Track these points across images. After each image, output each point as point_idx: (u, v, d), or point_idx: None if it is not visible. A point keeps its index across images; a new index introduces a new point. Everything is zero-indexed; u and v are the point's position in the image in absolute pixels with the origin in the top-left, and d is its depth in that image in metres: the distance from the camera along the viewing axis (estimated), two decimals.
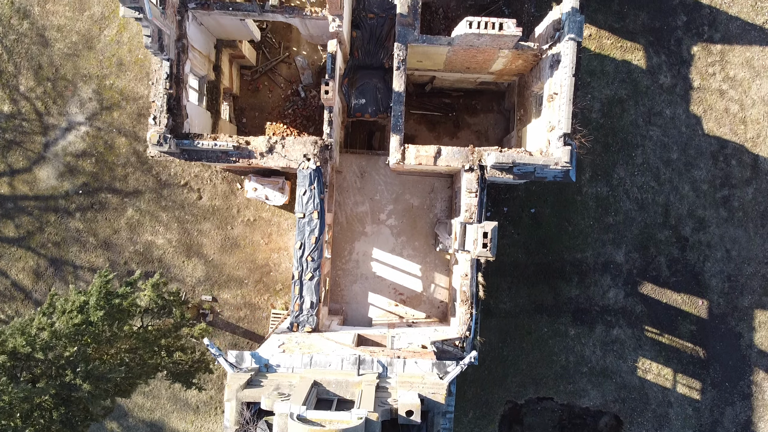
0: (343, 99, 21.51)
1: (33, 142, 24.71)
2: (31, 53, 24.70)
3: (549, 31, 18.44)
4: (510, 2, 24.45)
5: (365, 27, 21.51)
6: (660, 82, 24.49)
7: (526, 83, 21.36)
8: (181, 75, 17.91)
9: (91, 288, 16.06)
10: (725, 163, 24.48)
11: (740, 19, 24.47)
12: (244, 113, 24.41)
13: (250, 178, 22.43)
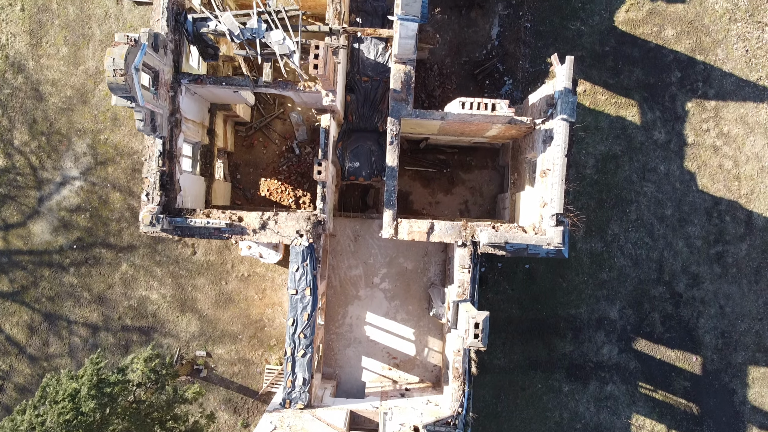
0: (338, 162, 21.51)
1: (27, 196, 24.70)
2: (25, 107, 24.69)
3: (542, 105, 18.47)
4: (504, 59, 24.47)
5: (359, 90, 21.53)
6: (654, 138, 24.52)
7: (519, 148, 21.38)
8: (174, 150, 17.90)
9: (82, 373, 16.04)
10: (719, 219, 24.51)
11: (734, 75, 24.51)
12: (239, 169, 24.41)
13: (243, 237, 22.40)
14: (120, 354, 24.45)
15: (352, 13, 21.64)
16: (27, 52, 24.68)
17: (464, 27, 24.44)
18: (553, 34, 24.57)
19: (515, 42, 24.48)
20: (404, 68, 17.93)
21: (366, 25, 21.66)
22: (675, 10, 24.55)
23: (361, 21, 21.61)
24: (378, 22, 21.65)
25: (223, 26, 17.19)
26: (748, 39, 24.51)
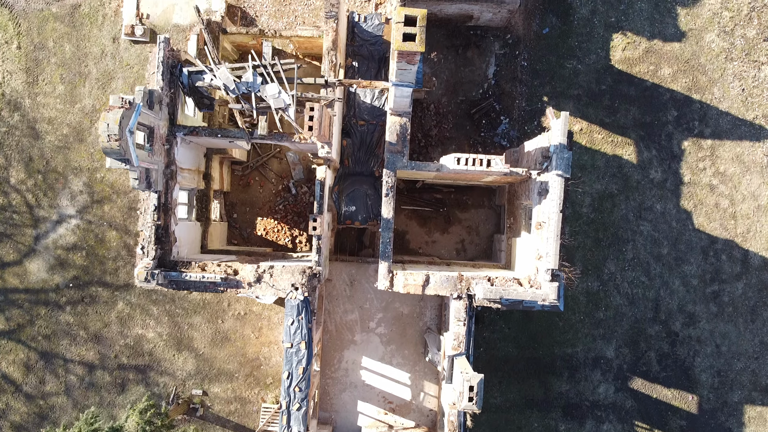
0: (333, 206, 21.50)
1: (24, 234, 24.67)
2: (22, 145, 24.66)
3: (538, 156, 18.47)
4: (501, 98, 24.48)
5: (356, 134, 21.55)
6: (651, 176, 24.53)
7: (516, 193, 21.38)
8: (169, 203, 17.90)
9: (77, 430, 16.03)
10: (715, 258, 24.52)
11: (730, 114, 24.53)
12: (235, 209, 24.40)
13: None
14: (116, 392, 24.43)
15: (349, 57, 21.65)
16: (23, 90, 24.66)
17: (461, 66, 24.44)
18: (549, 72, 24.58)
19: (512, 81, 24.48)
20: (400, 120, 17.93)
21: (362, 68, 21.68)
22: (671, 48, 24.57)
23: (357, 65, 21.63)
24: (374, 66, 21.66)
25: (219, 81, 17.17)
26: (744, 78, 24.53)
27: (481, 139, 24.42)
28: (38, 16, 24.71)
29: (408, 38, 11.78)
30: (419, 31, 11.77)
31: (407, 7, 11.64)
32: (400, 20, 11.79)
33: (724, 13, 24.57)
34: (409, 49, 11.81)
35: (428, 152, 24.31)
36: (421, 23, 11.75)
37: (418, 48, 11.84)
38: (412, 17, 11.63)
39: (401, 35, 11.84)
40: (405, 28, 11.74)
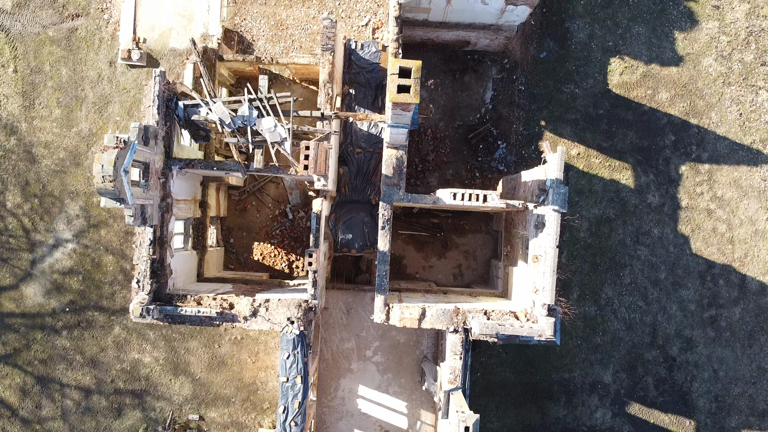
0: (330, 234, 21.47)
1: (20, 258, 24.62)
2: (18, 169, 24.61)
3: (534, 188, 18.43)
4: (498, 122, 24.45)
5: (352, 162, 21.51)
6: (648, 201, 24.51)
7: (513, 221, 21.35)
8: (165, 236, 17.85)
9: None
10: (713, 282, 24.49)
11: (728, 138, 24.51)
12: (232, 233, 24.36)
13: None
14: (113, 417, 24.38)
15: (346, 84, 21.61)
16: (20, 114, 24.61)
17: (458, 91, 24.41)
18: (547, 97, 24.55)
19: (509, 105, 24.45)
20: (396, 153, 17.89)
21: (359, 95, 21.64)
22: (669, 73, 24.54)
23: (354, 92, 21.60)
24: (371, 93, 21.63)
25: (214, 115, 17.13)
26: (741, 102, 24.51)
27: (478, 164, 24.39)
28: (35, 39, 24.66)
29: (403, 89, 11.76)
30: (414, 83, 11.73)
31: (402, 59, 11.61)
32: (394, 72, 11.75)
33: (722, 38, 24.55)
34: (403, 100, 11.78)
35: (425, 177, 24.28)
36: (415, 75, 11.72)
37: (413, 99, 11.80)
38: (407, 69, 11.61)
39: (396, 87, 11.81)
40: (400, 80, 11.71)
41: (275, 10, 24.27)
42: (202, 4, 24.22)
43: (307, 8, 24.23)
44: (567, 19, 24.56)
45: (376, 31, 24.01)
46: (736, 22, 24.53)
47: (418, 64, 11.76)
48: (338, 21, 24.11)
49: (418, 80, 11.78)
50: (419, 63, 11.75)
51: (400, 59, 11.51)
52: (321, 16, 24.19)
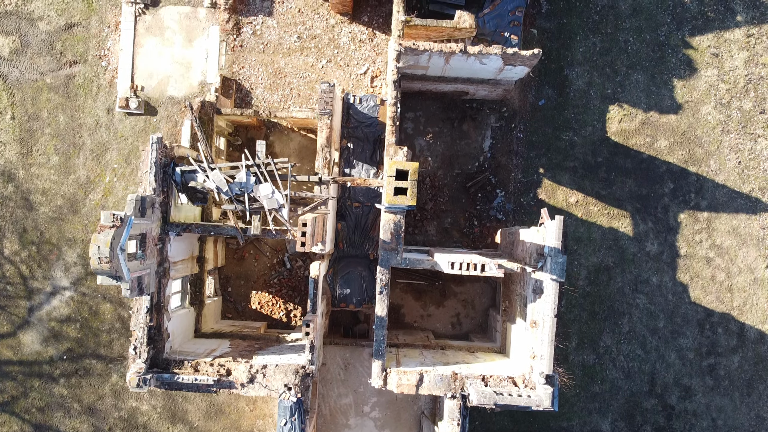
0: (328, 289, 21.43)
1: (17, 306, 24.57)
2: (15, 217, 24.56)
3: (533, 251, 18.40)
4: (497, 171, 24.41)
5: (350, 216, 21.48)
6: (647, 249, 24.47)
7: (511, 277, 21.29)
8: (162, 301, 17.81)
9: None
10: (711, 331, 24.46)
11: (727, 186, 24.47)
12: (230, 282, 24.30)
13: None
14: None
15: (344, 139, 21.59)
16: (17, 161, 24.56)
17: (456, 139, 24.37)
18: (545, 144, 24.51)
19: (507, 154, 24.42)
20: (394, 218, 17.82)
21: (357, 149, 21.62)
22: (668, 120, 24.51)
23: (352, 146, 21.57)
24: (369, 147, 21.61)
25: (212, 183, 17.10)
26: (740, 150, 24.48)
27: (476, 212, 24.35)
28: (32, 86, 24.62)
29: (399, 192, 11.73)
30: (411, 185, 11.71)
31: (399, 161, 11.55)
32: (391, 174, 11.72)
33: (721, 86, 24.52)
34: (400, 203, 11.75)
35: (423, 225, 24.24)
36: (412, 177, 11.69)
37: (410, 202, 11.78)
38: (404, 171, 11.57)
39: (392, 189, 11.78)
40: (396, 183, 11.67)
41: (273, 59, 24.22)
42: (200, 52, 24.18)
43: (306, 56, 24.18)
44: (566, 67, 24.53)
45: (375, 79, 23.97)
46: (735, 70, 24.50)
47: (414, 166, 11.72)
48: (336, 69, 24.12)
49: (415, 182, 11.75)
50: (416, 165, 11.71)
51: (397, 161, 11.46)
52: (319, 64, 24.17)
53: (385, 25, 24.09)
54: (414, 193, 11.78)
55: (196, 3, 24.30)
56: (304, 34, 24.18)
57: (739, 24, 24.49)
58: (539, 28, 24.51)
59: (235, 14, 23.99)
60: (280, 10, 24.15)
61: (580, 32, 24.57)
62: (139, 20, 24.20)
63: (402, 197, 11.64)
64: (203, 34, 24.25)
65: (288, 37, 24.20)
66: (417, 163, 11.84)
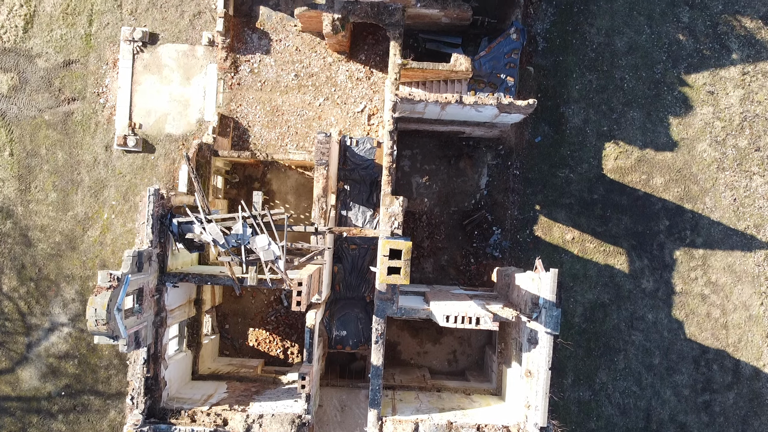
0: (324, 331, 21.54)
1: (16, 342, 24.68)
2: (14, 253, 24.66)
3: (528, 299, 18.51)
4: (493, 208, 24.52)
5: (347, 259, 21.59)
6: (642, 286, 24.58)
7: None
8: (159, 351, 17.92)
9: None
10: (707, 368, 24.57)
11: (722, 224, 24.58)
12: (227, 319, 24.41)
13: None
14: None
15: (340, 181, 21.71)
16: (15, 198, 24.66)
17: (453, 177, 24.48)
18: (541, 181, 24.63)
19: (504, 191, 24.53)
20: None
21: (354, 191, 21.74)
22: (663, 158, 24.62)
23: (349, 188, 21.68)
24: (366, 190, 21.73)
25: (208, 236, 17.20)
26: (736, 188, 24.59)
27: (473, 250, 24.46)
28: (31, 123, 24.72)
29: (393, 271, 11.85)
30: (404, 264, 11.83)
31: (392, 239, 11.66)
32: (385, 254, 11.83)
33: (716, 123, 24.63)
34: (393, 282, 11.87)
35: (420, 263, 24.33)
36: (405, 257, 11.81)
37: (403, 281, 11.89)
38: (397, 250, 11.69)
39: (386, 269, 11.90)
40: (390, 262, 11.79)
41: (271, 97, 24.33)
42: (197, 90, 24.29)
43: (303, 94, 24.28)
44: (562, 104, 24.64)
45: (372, 117, 24.07)
46: (731, 107, 24.61)
47: (408, 245, 11.84)
48: (334, 107, 24.23)
49: (408, 261, 11.86)
50: (409, 244, 11.83)
51: (390, 240, 11.57)
52: (316, 102, 24.27)
53: (383, 63, 24.19)
54: (407, 272, 11.90)
55: (194, 41, 24.40)
56: (302, 73, 24.28)
57: (735, 62, 24.61)
58: (536, 65, 24.63)
59: (232, 52, 24.10)
60: (277, 49, 24.25)
61: (576, 70, 24.68)
62: (137, 58, 24.31)
63: (395, 276, 11.76)
64: (201, 72, 24.35)
65: (285, 75, 24.30)
66: (410, 243, 11.96)
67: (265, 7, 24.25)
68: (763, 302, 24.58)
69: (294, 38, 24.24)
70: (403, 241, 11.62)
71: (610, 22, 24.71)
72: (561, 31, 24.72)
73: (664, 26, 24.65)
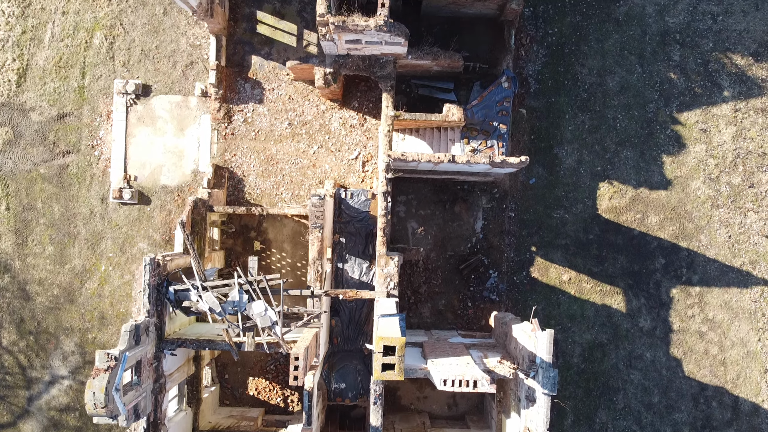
0: (323, 384, 21.60)
1: (16, 396, 24.75)
2: (12, 307, 24.73)
3: (525, 357, 18.57)
4: (489, 252, 24.59)
5: (344, 311, 21.66)
6: (640, 325, 24.65)
7: None
8: (159, 418, 17.98)
9: None
10: (706, 405, 24.65)
11: (718, 261, 24.65)
12: (227, 369, 24.45)
13: None
14: None
15: (336, 233, 21.77)
16: (13, 252, 24.73)
17: (448, 221, 24.54)
18: (537, 222, 24.70)
19: (499, 234, 24.59)
20: None
21: (350, 244, 21.81)
22: (658, 196, 24.69)
23: (345, 240, 21.75)
24: (361, 242, 21.79)
25: (204, 304, 17.28)
26: (730, 225, 24.66)
27: (470, 294, 24.53)
28: (26, 176, 24.78)
29: (387, 368, 11.93)
30: (398, 361, 11.90)
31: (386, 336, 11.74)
32: (379, 350, 11.92)
33: (710, 161, 24.71)
34: (388, 378, 11.95)
35: (418, 308, 24.42)
36: (399, 353, 11.88)
37: (397, 377, 11.97)
38: (391, 346, 11.77)
39: (380, 366, 11.98)
40: (384, 359, 11.87)
41: (265, 146, 24.39)
42: (192, 140, 24.36)
43: (297, 143, 24.35)
44: (555, 145, 24.72)
45: (366, 164, 24.14)
46: (723, 144, 24.69)
47: (401, 341, 11.91)
48: (328, 154, 24.28)
49: (402, 357, 11.94)
50: (403, 340, 11.90)
51: (384, 337, 11.65)
52: (310, 150, 24.33)
53: (375, 109, 24.26)
54: (402, 368, 11.99)
55: (186, 92, 24.47)
56: (295, 121, 24.36)
57: (727, 99, 24.69)
58: (528, 107, 24.71)
59: (226, 103, 24.16)
60: (270, 98, 24.32)
61: (568, 110, 24.76)
62: (130, 110, 24.38)
63: (390, 373, 11.86)
64: (195, 123, 24.42)
65: (279, 124, 24.37)
66: (404, 339, 12.04)
67: (257, 56, 24.31)
68: (761, 338, 24.67)
69: (286, 87, 24.31)
70: (397, 337, 11.68)
71: (601, 62, 24.79)
72: (553, 72, 24.80)
73: (656, 65, 24.73)
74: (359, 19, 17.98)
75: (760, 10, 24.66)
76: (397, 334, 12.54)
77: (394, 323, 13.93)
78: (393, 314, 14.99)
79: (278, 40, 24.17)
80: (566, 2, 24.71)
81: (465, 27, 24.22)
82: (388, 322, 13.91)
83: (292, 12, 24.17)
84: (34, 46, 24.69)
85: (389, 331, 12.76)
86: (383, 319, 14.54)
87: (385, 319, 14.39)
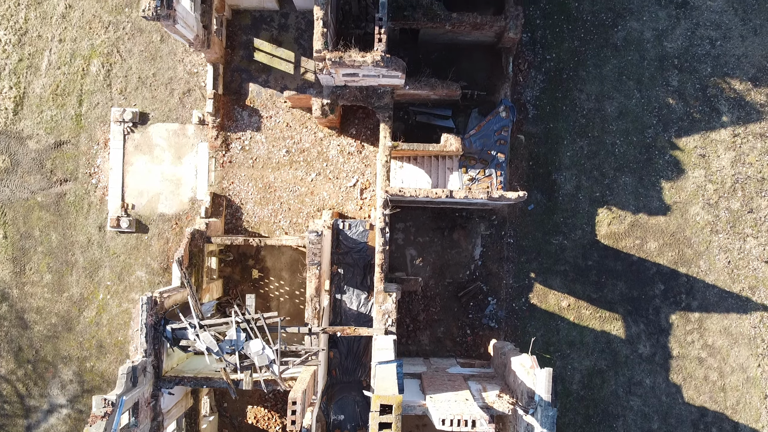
0: (322, 416, 21.55)
1: (15, 425, 24.70)
2: (10, 336, 24.68)
3: (524, 393, 18.50)
4: (488, 279, 24.54)
5: (342, 342, 21.61)
6: (639, 351, 24.60)
7: None
8: None
9: None
10: (706, 431, 24.59)
11: (717, 287, 24.59)
12: (225, 398, 24.40)
13: None
14: None
15: (334, 264, 21.71)
16: (11, 280, 24.67)
17: (447, 248, 24.49)
18: (536, 248, 24.64)
19: (498, 261, 24.54)
20: None
21: (348, 275, 21.75)
22: (657, 222, 24.64)
23: (342, 272, 21.69)
24: (359, 273, 21.73)
25: (202, 344, 17.23)
26: (729, 250, 24.60)
27: (469, 321, 24.47)
28: (23, 205, 24.73)
29: (384, 426, 11.88)
30: (395, 420, 11.85)
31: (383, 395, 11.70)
32: (376, 409, 11.87)
33: (708, 186, 24.65)
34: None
35: (416, 336, 24.36)
36: (396, 412, 11.83)
37: None
38: (388, 405, 11.73)
39: (377, 425, 11.93)
40: (381, 418, 11.82)
41: (263, 173, 24.34)
42: (189, 169, 24.29)
43: (295, 170, 24.29)
44: (554, 171, 24.66)
45: (364, 191, 24.08)
46: (722, 170, 24.63)
47: (398, 400, 11.87)
48: (326, 182, 24.23)
49: (399, 416, 11.89)
50: (400, 398, 11.87)
51: (380, 395, 11.60)
52: (308, 177, 24.28)
53: (373, 136, 24.19)
54: (398, 427, 11.94)
55: (184, 120, 24.42)
56: (293, 148, 24.30)
57: (725, 124, 24.63)
58: (526, 133, 24.65)
59: (223, 131, 24.11)
60: (268, 125, 24.27)
61: (567, 136, 24.70)
62: (128, 138, 24.32)
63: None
64: (192, 151, 24.36)
65: (277, 152, 24.31)
66: (401, 397, 12.00)
67: (255, 83, 24.25)
68: (760, 364, 24.61)
69: (284, 114, 24.25)
70: (394, 395, 11.65)
71: (599, 88, 24.73)
72: (551, 98, 24.75)
73: (654, 90, 24.68)
74: (356, 55, 17.93)
75: (758, 35, 24.60)
76: (395, 389, 12.46)
77: (391, 373, 13.86)
78: (390, 361, 14.93)
79: (275, 67, 24.12)
80: (564, 28, 24.66)
81: (463, 54, 24.19)
82: (385, 372, 13.84)
83: (289, 39, 24.11)
84: (31, 73, 24.64)
85: (386, 384, 12.67)
86: (380, 368, 14.49)
87: (382, 368, 14.33)
